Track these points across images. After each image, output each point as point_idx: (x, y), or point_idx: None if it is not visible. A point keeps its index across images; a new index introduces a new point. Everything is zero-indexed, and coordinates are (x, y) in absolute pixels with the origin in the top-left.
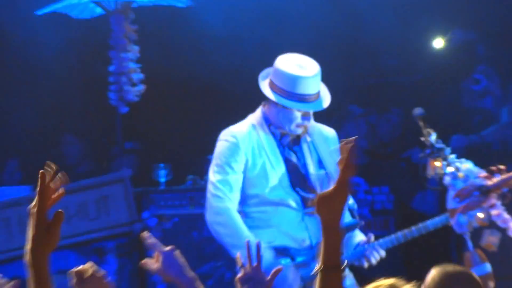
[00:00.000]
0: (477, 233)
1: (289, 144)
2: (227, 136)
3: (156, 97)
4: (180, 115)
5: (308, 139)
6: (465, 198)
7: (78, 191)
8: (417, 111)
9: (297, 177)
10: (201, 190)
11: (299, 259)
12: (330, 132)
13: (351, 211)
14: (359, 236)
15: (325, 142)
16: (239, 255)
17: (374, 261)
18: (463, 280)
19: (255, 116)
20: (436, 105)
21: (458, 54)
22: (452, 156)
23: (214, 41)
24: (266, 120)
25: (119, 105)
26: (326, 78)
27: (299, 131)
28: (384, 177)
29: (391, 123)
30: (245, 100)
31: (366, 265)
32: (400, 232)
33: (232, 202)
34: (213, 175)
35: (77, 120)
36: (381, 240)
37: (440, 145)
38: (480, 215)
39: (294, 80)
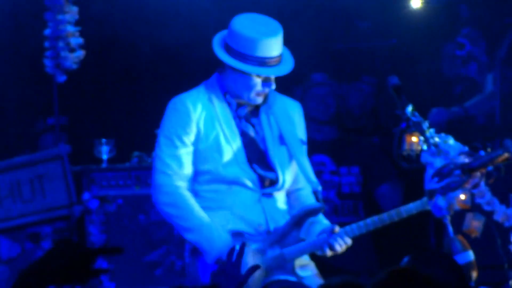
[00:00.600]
0: (458, 217)
1: (247, 116)
2: (176, 104)
3: (97, 64)
4: (125, 84)
5: (269, 111)
6: (445, 177)
7: (10, 169)
8: (392, 80)
9: (255, 153)
10: (148, 169)
11: (254, 246)
12: (293, 104)
13: (315, 193)
14: (323, 222)
15: (287, 115)
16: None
17: (339, 249)
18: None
19: (209, 84)
20: (413, 73)
21: (438, 15)
22: (431, 131)
23: (161, 4)
24: (222, 88)
25: (56, 73)
26: (288, 42)
27: (259, 100)
28: (353, 156)
29: (363, 93)
30: (198, 68)
31: (329, 253)
32: (370, 218)
33: (182, 180)
34: (160, 149)
35: (7, 91)
36: (347, 227)
37: (417, 118)
38: (462, 196)
39: (252, 41)
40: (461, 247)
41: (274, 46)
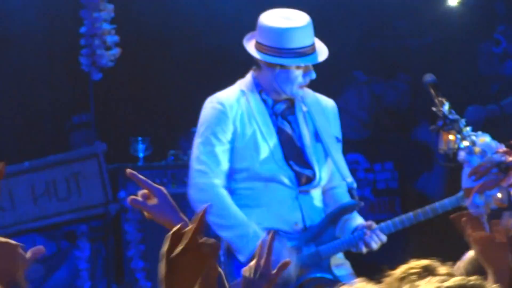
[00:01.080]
0: (495, 215)
1: (283, 113)
2: (213, 103)
3: (134, 62)
4: (161, 83)
5: (304, 108)
6: (482, 176)
7: (46, 168)
8: (428, 77)
9: (292, 150)
10: (184, 167)
11: (290, 244)
12: (328, 102)
13: (350, 191)
14: (357, 219)
15: (322, 113)
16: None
17: (374, 246)
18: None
19: (245, 82)
20: (450, 71)
21: (474, 13)
22: (468, 129)
23: (200, 3)
24: (257, 86)
25: (92, 71)
26: (326, 39)
27: (301, 92)
28: (387, 152)
29: (399, 91)
30: (234, 67)
31: (364, 250)
32: (405, 215)
33: (218, 177)
34: (197, 147)
35: (45, 89)
36: (382, 224)
37: (454, 116)
38: (499, 195)
39: (285, 34)
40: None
41: (306, 35)
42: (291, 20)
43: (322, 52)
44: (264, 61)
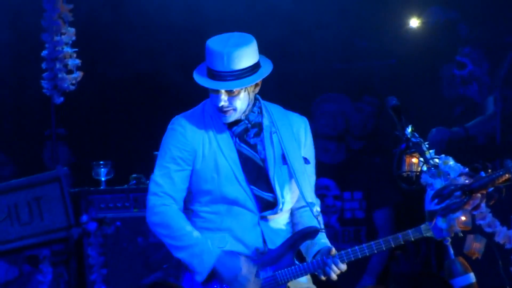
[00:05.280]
0: (459, 239)
1: (241, 134)
2: (173, 125)
3: (95, 85)
4: (123, 106)
5: (273, 129)
6: (446, 199)
7: (7, 191)
8: (391, 100)
9: (253, 173)
10: (146, 191)
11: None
12: (299, 120)
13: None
14: (321, 243)
15: (292, 133)
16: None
17: (333, 275)
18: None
19: (208, 102)
20: (413, 93)
21: (437, 34)
22: (431, 152)
23: (162, 25)
24: None
25: (53, 95)
26: (288, 61)
27: (225, 118)
28: (357, 180)
29: (364, 113)
30: (197, 92)
31: (323, 278)
32: (366, 244)
33: (171, 199)
34: (154, 170)
35: (7, 114)
36: (342, 252)
37: (417, 139)
38: (463, 218)
39: (209, 53)
40: (462, 269)
41: (228, 61)
42: (225, 43)
43: (245, 81)
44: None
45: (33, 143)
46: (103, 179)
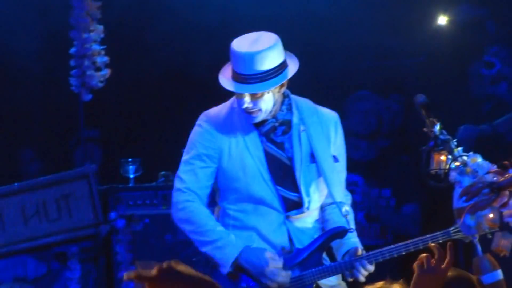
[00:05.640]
0: (487, 236)
1: (268, 133)
2: (201, 121)
3: (124, 83)
4: (151, 103)
5: (302, 128)
6: (474, 196)
7: (36, 188)
8: (419, 98)
9: (279, 172)
10: None
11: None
12: (330, 117)
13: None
14: (350, 242)
15: (322, 130)
16: None
17: (361, 278)
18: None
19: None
20: (442, 91)
21: (466, 32)
22: (459, 149)
23: (191, 22)
24: None
25: (82, 92)
26: (316, 60)
27: (252, 118)
28: (386, 177)
29: (391, 111)
30: (226, 89)
31: (350, 280)
32: (394, 246)
33: (195, 195)
34: (180, 166)
35: (35, 111)
36: (370, 253)
37: (445, 136)
38: (491, 215)
39: (233, 55)
40: (490, 266)
41: (251, 63)
42: (250, 45)
43: (268, 84)
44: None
45: (60, 141)
46: (131, 176)
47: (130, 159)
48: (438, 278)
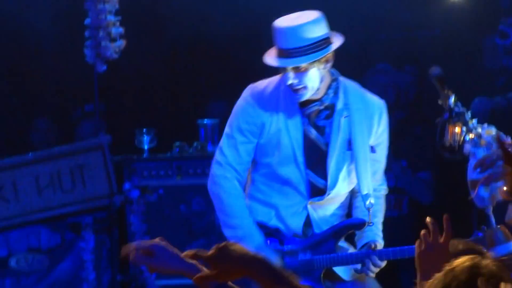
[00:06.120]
0: (501, 208)
1: (311, 116)
2: (246, 95)
3: (139, 54)
4: (166, 74)
5: (345, 113)
6: (488, 168)
7: (50, 159)
8: (434, 70)
9: (314, 157)
10: (190, 159)
11: (287, 247)
12: (376, 105)
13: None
14: (368, 235)
15: (365, 119)
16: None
17: (370, 274)
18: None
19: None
20: (456, 64)
21: (480, 5)
22: (474, 121)
23: None
24: None
25: (96, 63)
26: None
27: (297, 96)
28: (400, 149)
29: (405, 83)
30: (246, 59)
31: (359, 273)
32: (408, 246)
33: (233, 171)
34: (222, 138)
35: (50, 82)
36: (383, 250)
37: (460, 108)
38: (505, 187)
39: (275, 33)
40: (504, 238)
41: (291, 37)
42: (290, 20)
43: (309, 57)
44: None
45: (74, 111)
46: (146, 147)
47: (144, 130)
48: (439, 254)
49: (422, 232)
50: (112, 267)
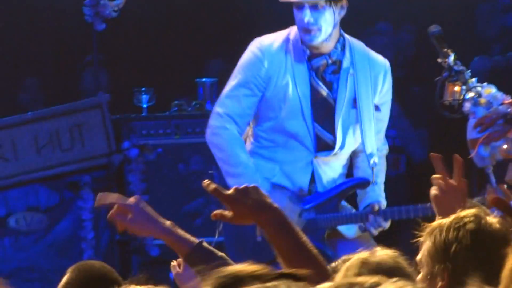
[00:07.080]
0: (501, 167)
1: (319, 69)
2: (253, 47)
3: (137, 12)
4: (165, 33)
5: (351, 71)
6: (488, 127)
7: (49, 118)
8: (433, 28)
9: (321, 111)
10: (188, 118)
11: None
12: (380, 65)
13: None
14: (372, 195)
15: (369, 77)
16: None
17: (374, 231)
18: None
19: (294, 29)
20: (455, 23)
21: None
22: (473, 80)
23: None
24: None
25: (95, 22)
26: None
27: (308, 38)
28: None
29: (404, 42)
30: (241, 20)
31: (363, 231)
32: (413, 206)
33: (234, 123)
34: (225, 89)
35: (48, 40)
36: (387, 210)
37: (460, 67)
38: (505, 146)
39: None
40: (504, 197)
41: None
42: None
43: None
44: None
45: (74, 70)
46: (144, 105)
47: (143, 89)
48: (455, 196)
49: (434, 176)
50: (111, 226)
